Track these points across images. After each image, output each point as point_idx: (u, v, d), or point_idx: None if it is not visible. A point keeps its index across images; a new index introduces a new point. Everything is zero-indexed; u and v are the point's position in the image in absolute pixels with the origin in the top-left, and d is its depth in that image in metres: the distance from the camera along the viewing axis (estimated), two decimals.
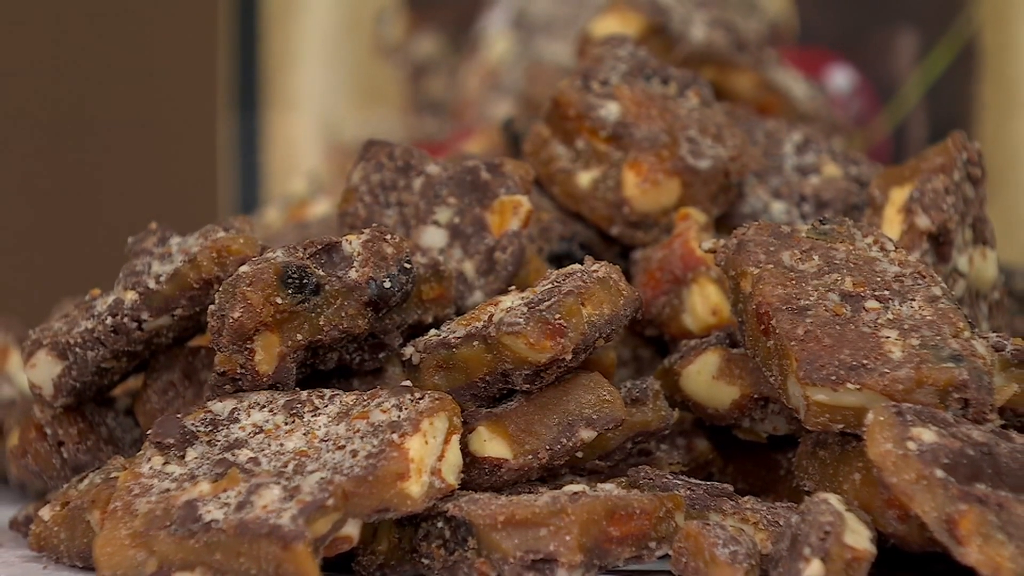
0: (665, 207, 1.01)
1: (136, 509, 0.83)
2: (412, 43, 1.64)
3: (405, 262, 0.89)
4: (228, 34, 1.66)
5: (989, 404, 0.84)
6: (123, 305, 0.91)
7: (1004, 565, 0.79)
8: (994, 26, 1.48)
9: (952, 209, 0.97)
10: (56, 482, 0.96)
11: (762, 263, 0.89)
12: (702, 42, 1.12)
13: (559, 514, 0.82)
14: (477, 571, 0.83)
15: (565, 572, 0.82)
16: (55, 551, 0.90)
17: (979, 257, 0.99)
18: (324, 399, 0.87)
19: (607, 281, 0.88)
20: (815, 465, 0.87)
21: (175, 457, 0.86)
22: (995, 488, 0.81)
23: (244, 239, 0.91)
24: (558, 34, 1.52)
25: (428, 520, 0.85)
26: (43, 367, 0.93)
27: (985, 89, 1.49)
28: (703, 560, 0.83)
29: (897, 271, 0.89)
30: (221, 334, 0.87)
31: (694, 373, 0.93)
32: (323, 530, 0.81)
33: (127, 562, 0.82)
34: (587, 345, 0.87)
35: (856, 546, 0.81)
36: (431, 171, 0.97)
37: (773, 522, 0.86)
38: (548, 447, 0.87)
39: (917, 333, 0.85)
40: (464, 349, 0.87)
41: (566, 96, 1.01)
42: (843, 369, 0.84)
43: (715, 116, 1.03)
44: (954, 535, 0.79)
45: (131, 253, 0.95)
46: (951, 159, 0.98)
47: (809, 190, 1.04)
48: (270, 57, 1.65)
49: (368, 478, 0.82)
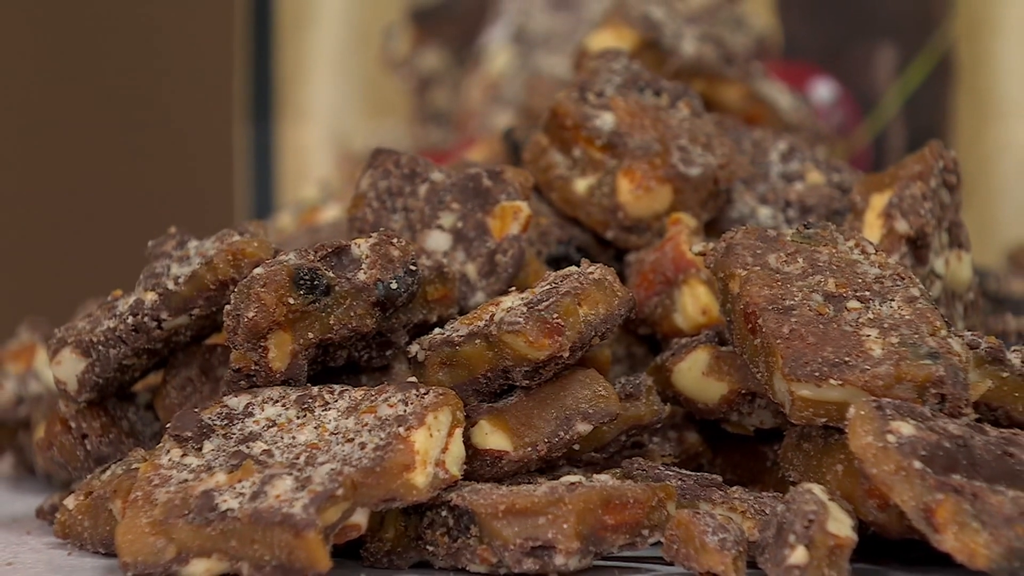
0: (657, 212, 1.00)
1: (156, 498, 0.83)
2: (418, 57, 1.64)
3: (411, 264, 0.89)
4: (244, 49, 1.66)
5: (964, 399, 0.84)
6: (143, 305, 0.91)
7: (978, 551, 0.79)
8: (968, 41, 1.48)
9: (929, 214, 0.96)
10: (80, 473, 0.96)
11: (749, 265, 0.89)
12: (692, 56, 1.12)
13: (557, 503, 0.82)
14: (479, 557, 0.83)
15: (563, 558, 0.82)
16: (79, 538, 0.89)
17: (955, 260, 0.99)
18: (334, 394, 0.87)
19: (602, 282, 0.88)
20: (800, 457, 0.87)
21: (193, 449, 0.86)
22: (970, 479, 0.81)
23: (258, 243, 0.91)
24: (556, 48, 1.52)
25: (433, 509, 0.84)
26: (68, 364, 0.93)
27: (960, 100, 1.49)
28: (694, 547, 0.82)
29: (877, 273, 0.89)
30: (236, 333, 0.87)
31: (685, 370, 0.93)
32: (333, 519, 0.81)
33: (147, 549, 0.82)
34: (583, 343, 0.87)
35: (839, 534, 0.81)
36: (435, 178, 0.97)
37: (760, 511, 0.86)
38: (546, 440, 0.87)
39: (896, 332, 0.85)
40: (467, 347, 0.87)
41: (563, 107, 1.01)
42: (826, 366, 0.84)
43: (705, 126, 1.02)
44: (931, 523, 0.79)
45: (151, 256, 0.95)
46: (928, 167, 0.98)
47: (794, 196, 1.04)
48: (283, 71, 1.64)
49: (376, 469, 0.82)
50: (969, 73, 1.48)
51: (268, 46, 1.64)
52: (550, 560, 0.82)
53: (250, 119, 1.66)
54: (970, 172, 1.35)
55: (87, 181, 2.19)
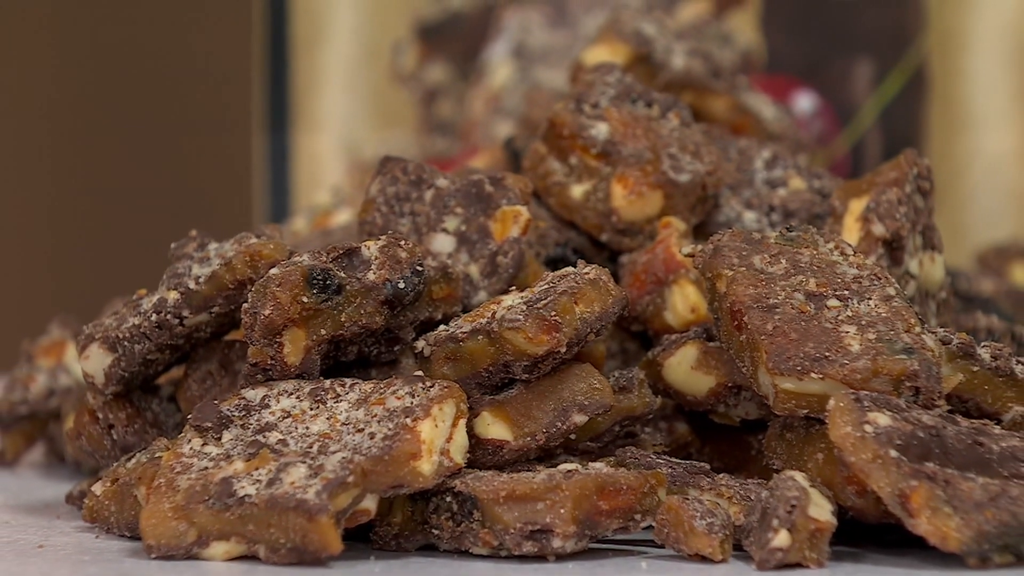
0: (649, 216, 1.00)
1: (178, 485, 0.83)
2: (424, 71, 1.64)
3: (417, 265, 0.89)
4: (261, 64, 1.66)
5: (937, 392, 0.84)
6: (166, 303, 0.91)
7: (950, 535, 0.79)
8: (940, 56, 1.48)
9: (904, 218, 0.96)
10: (107, 461, 0.96)
11: (735, 266, 0.89)
12: (682, 70, 1.12)
13: (555, 490, 0.82)
14: (482, 540, 0.83)
15: (560, 541, 0.82)
16: (106, 522, 0.89)
17: (928, 261, 0.99)
18: (345, 387, 0.87)
19: (597, 282, 0.88)
20: (783, 446, 0.86)
21: (213, 439, 0.86)
22: (943, 466, 0.80)
23: (274, 245, 0.91)
24: (554, 63, 1.52)
25: (438, 495, 0.84)
26: (95, 359, 0.93)
27: (932, 112, 1.49)
28: (683, 530, 0.82)
29: (856, 273, 0.89)
30: (254, 329, 0.87)
31: (675, 364, 0.93)
32: (344, 504, 0.81)
33: (170, 532, 0.82)
34: (579, 339, 0.87)
35: (819, 518, 0.81)
36: (440, 184, 0.97)
37: (745, 497, 0.85)
38: (545, 430, 0.87)
39: (873, 328, 0.85)
40: (470, 343, 0.87)
41: (561, 118, 1.01)
42: (808, 360, 0.83)
43: (693, 135, 1.02)
44: (906, 508, 0.79)
45: (174, 257, 0.94)
46: (903, 173, 0.98)
47: (777, 201, 1.03)
48: (298, 84, 1.64)
49: (384, 458, 0.82)
50: (941, 86, 1.48)
51: (284, 61, 1.64)
52: (548, 543, 0.82)
53: (267, 129, 1.66)
54: (942, 178, 1.35)
55: (116, 188, 2.19)
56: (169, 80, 2.19)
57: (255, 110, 1.66)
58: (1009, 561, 0.80)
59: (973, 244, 1.43)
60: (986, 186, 1.47)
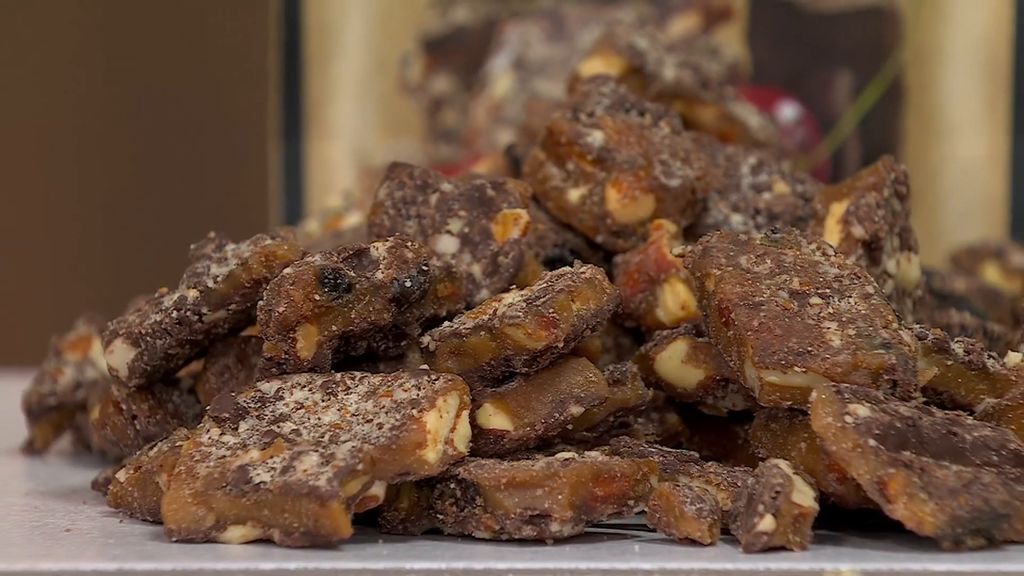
0: (642, 219, 1.00)
1: (197, 472, 0.83)
2: (430, 82, 1.63)
3: (423, 265, 0.89)
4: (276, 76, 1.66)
5: (914, 384, 0.83)
6: (186, 301, 0.91)
7: (926, 519, 0.78)
8: (916, 68, 1.47)
9: (882, 220, 0.96)
10: (130, 449, 0.95)
11: (723, 266, 0.89)
12: (673, 81, 1.11)
13: (552, 477, 0.82)
14: (484, 525, 0.83)
15: (558, 526, 0.82)
16: (129, 508, 0.89)
17: (905, 261, 0.99)
18: (355, 380, 0.87)
19: (593, 281, 0.88)
20: (768, 436, 0.86)
21: (230, 429, 0.85)
22: (919, 455, 0.80)
23: (288, 246, 0.90)
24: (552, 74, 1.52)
25: (442, 482, 0.84)
26: (119, 353, 0.93)
27: (909, 120, 1.48)
28: (674, 515, 0.82)
29: (837, 273, 0.89)
30: (269, 325, 0.87)
31: (666, 358, 0.93)
32: (354, 490, 0.80)
33: (190, 517, 0.82)
34: (576, 335, 0.87)
35: (802, 504, 0.81)
36: (445, 188, 0.96)
37: (732, 483, 0.85)
38: (543, 420, 0.86)
39: (853, 325, 0.85)
40: (473, 338, 0.87)
41: (558, 126, 1.01)
42: (791, 355, 0.83)
43: (684, 143, 1.02)
44: (884, 494, 0.79)
45: (193, 257, 0.94)
46: (881, 178, 0.98)
47: (762, 204, 1.03)
48: (312, 95, 1.64)
49: (392, 447, 0.82)
50: (917, 96, 1.48)
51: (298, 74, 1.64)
52: (546, 527, 0.82)
53: (282, 137, 1.65)
54: (918, 183, 1.34)
55: (139, 193, 2.19)
56: (190, 91, 2.19)
57: (271, 119, 1.65)
58: (981, 544, 0.80)
59: (947, 245, 1.43)
60: (959, 190, 1.47)
